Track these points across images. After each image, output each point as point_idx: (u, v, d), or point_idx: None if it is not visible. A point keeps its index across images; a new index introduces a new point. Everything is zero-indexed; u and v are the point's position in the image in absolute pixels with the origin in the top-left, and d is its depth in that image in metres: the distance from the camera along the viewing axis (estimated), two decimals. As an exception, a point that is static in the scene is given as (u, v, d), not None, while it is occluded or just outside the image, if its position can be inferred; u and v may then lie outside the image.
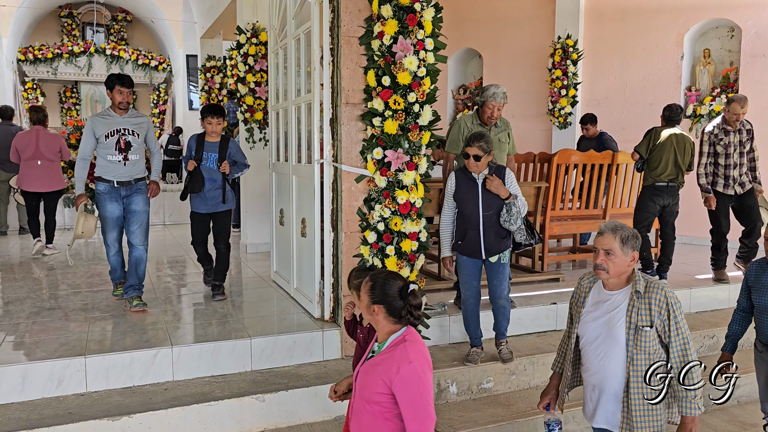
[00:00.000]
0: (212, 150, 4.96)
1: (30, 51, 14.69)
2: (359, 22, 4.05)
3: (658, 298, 2.64)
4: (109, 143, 4.63)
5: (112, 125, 4.64)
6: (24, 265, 6.47)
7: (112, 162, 4.66)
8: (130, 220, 4.76)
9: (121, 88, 4.60)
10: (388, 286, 2.36)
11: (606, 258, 2.69)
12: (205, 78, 10.89)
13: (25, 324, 4.35)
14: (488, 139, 3.88)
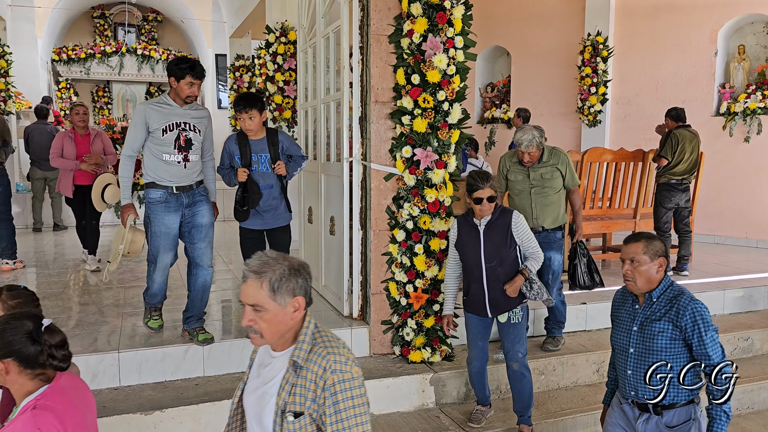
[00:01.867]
0: (261, 149, 4.06)
1: (64, 51, 14.99)
2: (389, 20, 4.05)
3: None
4: (167, 140, 3.70)
5: (170, 117, 3.71)
6: (58, 261, 6.61)
7: (169, 163, 3.72)
8: (195, 235, 3.84)
9: (193, 79, 3.66)
10: (10, 331, 1.82)
11: None
12: (233, 77, 11.01)
13: (60, 319, 4.44)
14: (493, 177, 3.46)
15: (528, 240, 3.50)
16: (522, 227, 3.47)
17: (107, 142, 6.22)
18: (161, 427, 3.39)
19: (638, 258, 2.59)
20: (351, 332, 4.23)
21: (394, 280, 4.12)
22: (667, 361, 2.57)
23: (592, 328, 4.91)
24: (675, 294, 2.60)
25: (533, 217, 4.22)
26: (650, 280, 2.60)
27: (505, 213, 3.50)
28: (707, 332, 2.50)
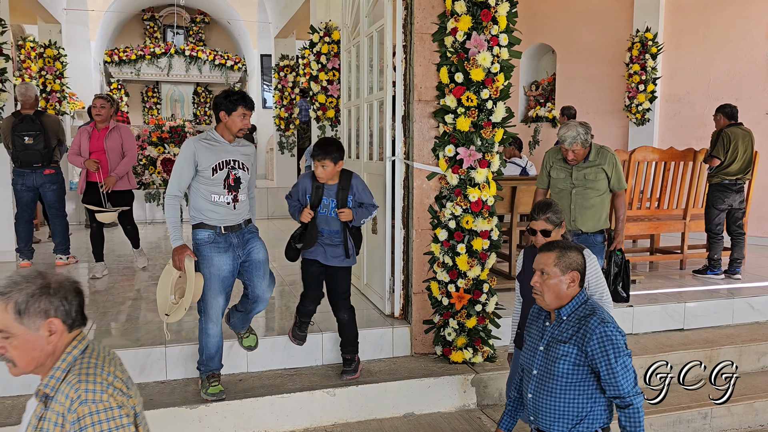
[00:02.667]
0: (332, 195, 3.73)
1: (115, 53, 15.43)
2: (432, 18, 4.03)
3: None
4: (216, 179, 3.41)
5: (220, 155, 3.43)
6: (108, 257, 6.80)
7: (217, 204, 3.44)
8: (255, 273, 3.57)
9: (245, 109, 3.43)
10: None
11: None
12: (278, 77, 11.14)
13: (110, 313, 4.57)
14: (557, 209, 3.01)
15: (596, 284, 2.95)
16: (591, 269, 2.91)
17: (127, 137, 5.74)
18: (206, 421, 3.46)
19: (548, 270, 2.35)
20: (392, 331, 4.23)
21: (436, 279, 4.10)
22: (568, 389, 2.32)
23: (639, 332, 4.80)
24: (586, 314, 2.33)
25: (571, 219, 4.08)
26: (559, 295, 2.36)
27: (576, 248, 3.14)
28: (618, 359, 2.24)
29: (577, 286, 2.37)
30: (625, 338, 2.29)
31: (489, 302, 4.10)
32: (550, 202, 3.04)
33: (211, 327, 3.51)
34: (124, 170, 5.67)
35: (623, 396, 2.26)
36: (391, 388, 3.77)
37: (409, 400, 3.81)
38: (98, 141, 5.61)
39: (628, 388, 2.26)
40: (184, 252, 3.38)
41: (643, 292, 5.20)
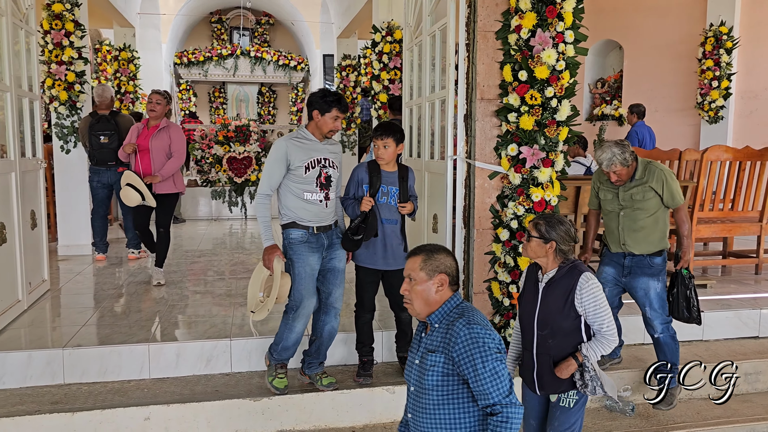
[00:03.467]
0: (391, 182, 3.71)
1: (185, 55, 15.97)
2: (496, 16, 3.99)
3: None
4: (309, 177, 3.43)
5: (311, 153, 3.45)
6: (177, 252, 7.06)
7: (310, 202, 3.45)
8: (331, 280, 3.58)
9: (339, 113, 3.43)
10: None
11: None
12: (340, 76, 11.26)
13: (178, 306, 4.74)
14: (552, 222, 2.79)
15: (595, 312, 2.68)
16: (589, 295, 2.67)
17: (177, 137, 5.40)
18: (268, 413, 3.55)
19: (414, 275, 2.17)
20: (452, 331, 4.21)
21: (497, 279, 4.06)
22: (440, 404, 2.09)
23: (709, 338, 4.61)
24: (454, 318, 2.13)
25: (621, 242, 3.80)
26: (428, 302, 2.16)
27: (573, 272, 2.73)
28: (485, 363, 2.01)
29: (447, 290, 2.18)
30: (498, 341, 2.09)
31: (551, 304, 4.02)
32: (555, 217, 2.83)
33: (298, 324, 3.48)
34: (169, 171, 5.29)
35: (494, 404, 2.03)
36: (450, 388, 3.75)
37: (468, 401, 3.78)
38: (145, 139, 5.34)
39: (499, 396, 2.02)
40: (274, 252, 3.36)
41: (714, 298, 4.99)
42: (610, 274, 3.88)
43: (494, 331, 2.10)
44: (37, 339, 3.98)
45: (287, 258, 3.48)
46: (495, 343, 2.07)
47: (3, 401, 3.48)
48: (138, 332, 4.07)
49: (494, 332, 2.10)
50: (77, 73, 6.32)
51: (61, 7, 6.21)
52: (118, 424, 3.38)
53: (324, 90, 3.49)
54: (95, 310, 4.60)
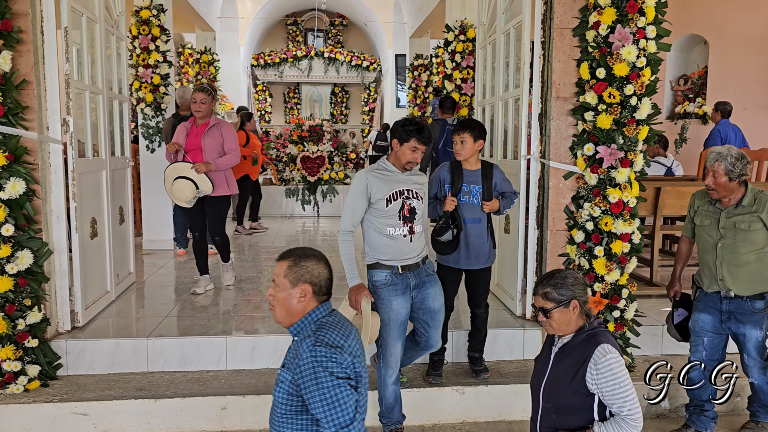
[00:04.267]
0: (474, 181, 3.62)
1: (261, 57, 16.44)
2: (573, 12, 3.90)
3: None
4: (391, 211, 3.17)
5: (393, 185, 3.19)
6: (253, 247, 7.28)
7: (394, 238, 3.19)
8: (429, 321, 3.31)
9: (418, 143, 3.14)
10: None
11: None
12: (412, 76, 11.29)
13: (254, 301, 4.89)
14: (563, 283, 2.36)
15: (613, 393, 2.24)
16: (606, 372, 2.24)
17: (228, 135, 5.00)
18: (339, 408, 3.60)
19: (278, 281, 2.02)
20: (524, 333, 4.15)
21: (571, 282, 3.96)
22: (284, 421, 1.94)
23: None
24: (309, 334, 1.96)
25: (718, 279, 3.29)
26: (290, 311, 2.01)
27: (590, 342, 2.32)
28: (323, 389, 1.84)
29: (312, 301, 2.02)
30: (346, 367, 1.90)
31: (628, 309, 3.90)
32: (556, 273, 2.41)
33: (389, 375, 3.27)
34: (223, 165, 4.92)
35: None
36: (522, 391, 3.70)
37: (539, 405, 3.72)
38: (196, 138, 4.93)
39: (334, 427, 1.84)
40: (361, 292, 3.10)
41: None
42: (708, 322, 3.37)
43: (344, 355, 1.91)
44: (124, 328, 4.20)
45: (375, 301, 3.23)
46: (340, 368, 1.88)
47: (93, 386, 3.70)
48: (216, 325, 4.23)
49: (343, 356, 1.91)
50: (162, 76, 6.62)
51: (148, 13, 6.52)
52: (197, 413, 3.53)
53: (406, 118, 3.26)
54: (176, 303, 4.81)
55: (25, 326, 3.61)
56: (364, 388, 2.03)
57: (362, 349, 2.08)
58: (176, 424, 3.52)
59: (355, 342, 2.03)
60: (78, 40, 4.22)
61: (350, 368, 1.92)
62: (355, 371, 1.95)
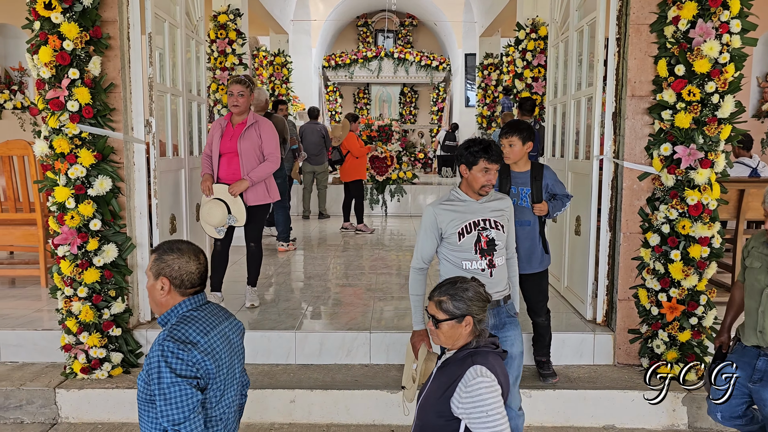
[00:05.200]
0: (522, 183, 3.49)
1: (332, 58, 16.71)
2: (651, 8, 3.77)
3: None
4: (465, 244, 2.86)
5: (466, 216, 2.88)
6: (322, 246, 7.42)
7: (470, 272, 2.83)
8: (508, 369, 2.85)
9: (488, 163, 2.82)
10: None
11: None
12: (482, 75, 11.19)
13: (322, 298, 4.99)
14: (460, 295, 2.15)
15: (479, 421, 1.99)
16: (473, 397, 2.00)
17: (268, 135, 4.44)
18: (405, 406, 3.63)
19: (147, 273, 2.07)
20: (594, 337, 4.05)
21: (645, 287, 3.84)
22: (143, 416, 1.96)
23: None
24: (167, 327, 1.98)
25: (757, 330, 2.77)
26: (157, 302, 2.03)
27: (466, 361, 2.09)
28: (161, 384, 1.86)
29: (174, 295, 2.02)
30: (189, 363, 1.89)
31: (706, 316, 3.74)
32: (458, 282, 2.20)
33: None
34: (261, 175, 4.39)
35: (165, 430, 1.90)
36: (590, 397, 3.62)
37: (609, 412, 3.62)
38: (231, 140, 4.37)
39: (167, 423, 1.87)
40: (421, 341, 2.90)
41: None
42: None
43: (193, 352, 1.90)
44: (199, 321, 4.38)
45: None
46: (183, 365, 1.88)
47: (170, 374, 3.88)
48: (286, 320, 4.34)
49: (192, 353, 1.90)
50: (237, 78, 6.84)
51: (225, 17, 6.77)
52: (267, 404, 3.64)
53: (468, 140, 2.92)
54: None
55: (110, 316, 3.83)
56: (221, 385, 2.02)
57: (228, 347, 2.06)
58: (246, 414, 3.64)
59: (219, 339, 2.02)
60: (161, 45, 4.43)
61: (199, 366, 1.92)
62: (207, 370, 1.94)
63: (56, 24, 3.58)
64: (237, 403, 2.18)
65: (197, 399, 1.90)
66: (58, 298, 3.84)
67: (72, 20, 3.60)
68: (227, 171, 4.39)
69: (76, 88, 3.63)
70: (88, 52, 3.69)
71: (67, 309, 3.77)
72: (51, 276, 3.87)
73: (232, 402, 2.11)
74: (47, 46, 3.58)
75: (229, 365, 2.05)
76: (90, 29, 3.68)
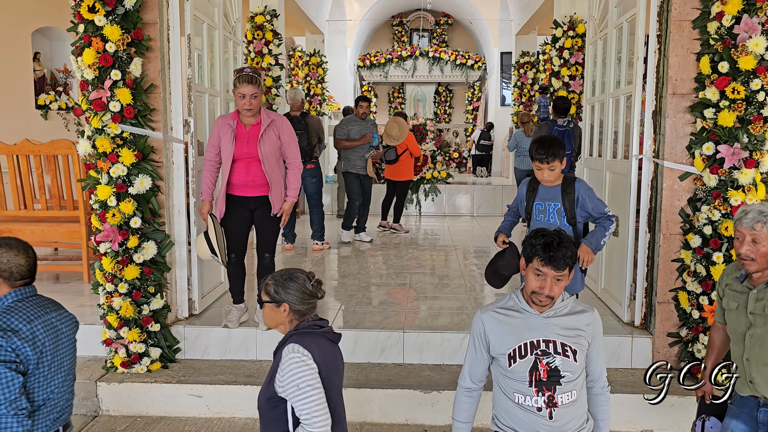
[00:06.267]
0: (550, 197, 3.17)
1: (367, 58, 16.75)
2: (693, 3, 3.69)
3: None
4: (516, 371, 2.19)
5: (522, 333, 2.20)
6: (355, 244, 7.44)
7: (524, 408, 2.18)
8: None
9: (544, 266, 2.15)
10: None
11: None
12: (518, 74, 11.09)
13: (356, 296, 5.01)
14: (286, 284, 2.21)
15: (295, 396, 2.05)
16: (288, 373, 2.06)
17: (288, 136, 4.01)
18: (438, 406, 3.62)
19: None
20: (632, 341, 3.97)
21: (686, 289, 3.75)
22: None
23: None
24: None
25: (747, 379, 2.40)
26: None
27: (286, 342, 2.16)
28: None
29: (2, 287, 2.20)
30: (7, 350, 2.07)
31: (750, 320, 3.63)
32: (289, 271, 2.26)
33: None
34: (297, 188, 4.07)
35: None
36: (628, 401, 3.55)
37: (648, 417, 3.55)
38: (249, 144, 3.90)
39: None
40: None
41: None
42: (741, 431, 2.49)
43: (13, 339, 2.09)
44: (235, 318, 4.44)
45: None
46: (2, 351, 2.07)
47: (207, 370, 3.95)
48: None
49: (12, 340, 2.09)
50: (274, 79, 6.92)
51: (262, 18, 6.85)
52: (301, 401, 3.67)
53: (538, 229, 2.30)
54: (283, 295, 5.01)
55: (149, 312, 3.91)
56: (45, 371, 2.19)
57: (54, 336, 2.23)
58: (281, 411, 3.69)
59: (43, 328, 2.19)
60: (199, 46, 4.51)
61: (19, 351, 2.10)
62: (27, 356, 2.12)
63: (99, 26, 3.67)
64: (70, 391, 2.36)
65: (19, 381, 2.08)
66: (99, 293, 3.94)
67: (114, 23, 3.69)
68: (245, 178, 3.94)
69: (118, 89, 3.72)
70: (130, 53, 3.77)
71: (108, 304, 3.87)
72: (93, 272, 3.98)
73: (62, 389, 2.29)
74: (91, 48, 3.68)
75: (53, 352, 2.23)
76: (131, 31, 3.76)
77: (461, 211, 10.53)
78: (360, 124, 7.27)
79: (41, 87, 8.70)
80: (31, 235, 5.35)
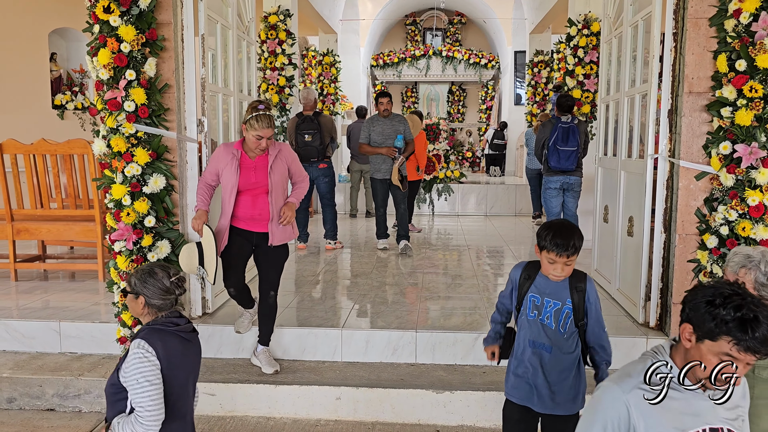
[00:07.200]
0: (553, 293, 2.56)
1: (380, 57, 16.76)
2: (710, 1, 3.64)
3: None
4: None
5: (684, 420, 1.74)
6: (368, 244, 7.44)
7: None
8: None
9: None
10: None
11: None
12: (531, 73, 11.03)
13: (369, 296, 5.01)
14: (143, 274, 2.33)
15: (132, 388, 2.21)
16: (129, 366, 2.22)
17: (292, 158, 3.87)
18: (450, 407, 3.61)
19: None
20: (646, 342, 3.94)
21: (702, 290, 3.71)
22: None
23: None
24: None
25: None
26: None
27: (137, 337, 2.29)
28: None
29: None
30: None
31: (767, 321, 3.58)
32: (143, 267, 2.38)
33: None
34: (301, 197, 3.91)
35: None
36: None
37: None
38: (257, 173, 3.69)
39: None
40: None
41: None
42: None
43: None
44: (248, 316, 4.46)
45: None
46: None
47: (220, 369, 3.96)
48: (332, 317, 4.38)
49: None
50: (287, 78, 6.94)
51: (276, 18, 6.86)
52: (313, 401, 3.68)
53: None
54: (296, 295, 5.03)
55: (163, 310, 3.93)
56: None
57: None
58: (294, 410, 3.69)
59: None
60: (213, 46, 4.53)
61: None
62: None
63: (114, 27, 3.70)
64: None
65: None
66: (114, 292, 3.97)
67: (129, 23, 3.72)
68: (252, 211, 3.71)
69: (132, 89, 3.75)
70: (144, 53, 3.80)
71: (122, 303, 3.90)
72: (108, 271, 4.01)
73: None
74: (106, 48, 3.70)
75: None
76: (146, 31, 3.79)
77: (474, 211, 10.51)
78: (382, 123, 6.58)
79: (58, 87, 8.79)
80: (47, 234, 5.41)
